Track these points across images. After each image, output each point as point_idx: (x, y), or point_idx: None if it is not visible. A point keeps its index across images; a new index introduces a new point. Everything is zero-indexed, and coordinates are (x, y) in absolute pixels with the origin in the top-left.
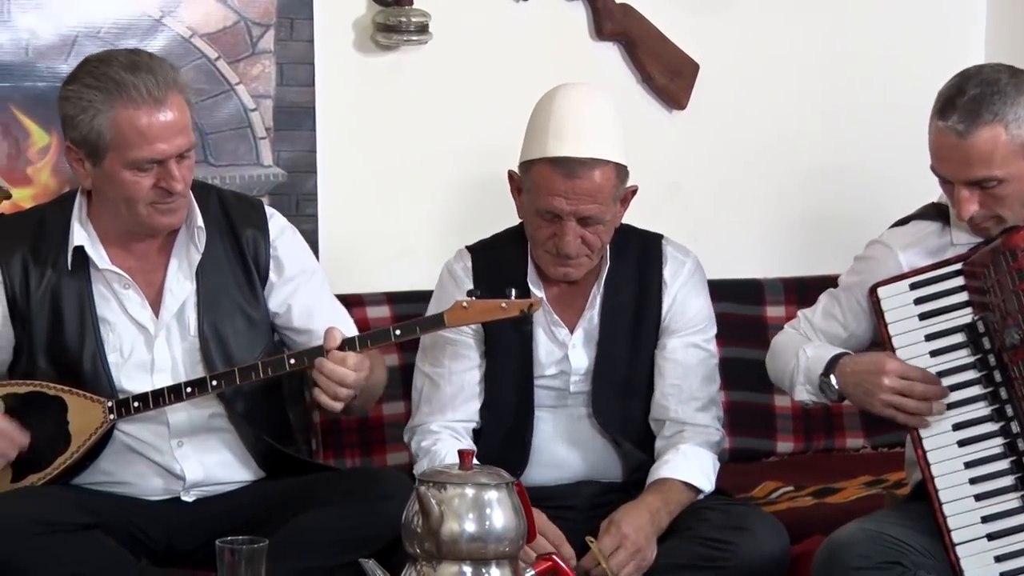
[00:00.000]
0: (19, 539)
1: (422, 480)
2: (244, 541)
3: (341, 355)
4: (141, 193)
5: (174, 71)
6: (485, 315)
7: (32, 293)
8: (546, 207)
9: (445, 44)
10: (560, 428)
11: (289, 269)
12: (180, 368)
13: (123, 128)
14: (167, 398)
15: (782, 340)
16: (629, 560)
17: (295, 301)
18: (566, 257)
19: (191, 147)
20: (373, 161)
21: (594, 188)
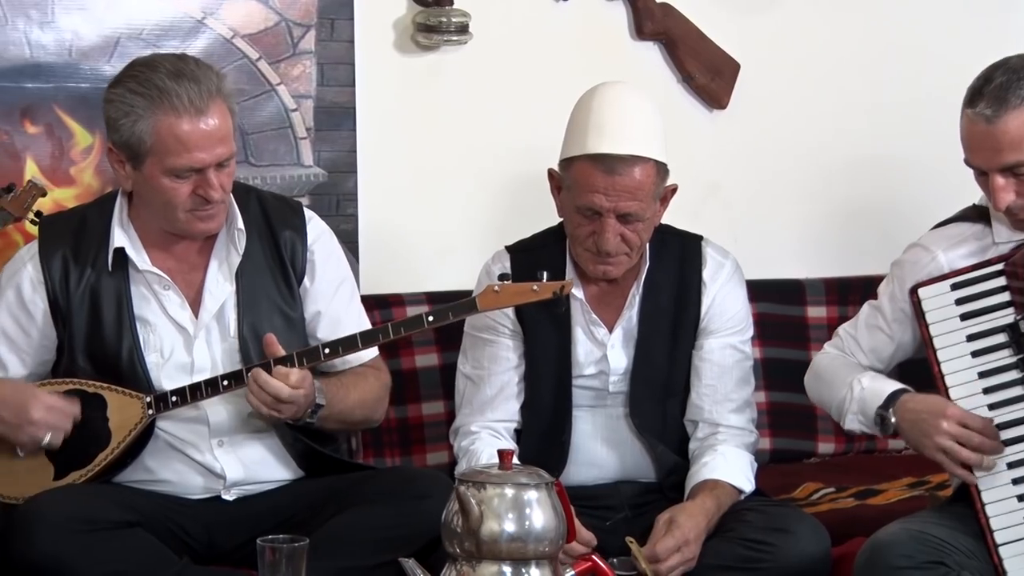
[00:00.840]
0: (63, 536)
1: (462, 480)
2: (285, 540)
3: (284, 371)
4: (179, 199)
5: (219, 79)
6: (517, 298)
7: (72, 292)
8: (586, 204)
9: (485, 44)
10: (599, 428)
11: (323, 276)
12: (220, 368)
13: (163, 135)
14: (204, 391)
15: (827, 365)
16: (681, 564)
17: (324, 310)
18: (606, 255)
19: (232, 155)
20: (413, 161)
21: (634, 185)
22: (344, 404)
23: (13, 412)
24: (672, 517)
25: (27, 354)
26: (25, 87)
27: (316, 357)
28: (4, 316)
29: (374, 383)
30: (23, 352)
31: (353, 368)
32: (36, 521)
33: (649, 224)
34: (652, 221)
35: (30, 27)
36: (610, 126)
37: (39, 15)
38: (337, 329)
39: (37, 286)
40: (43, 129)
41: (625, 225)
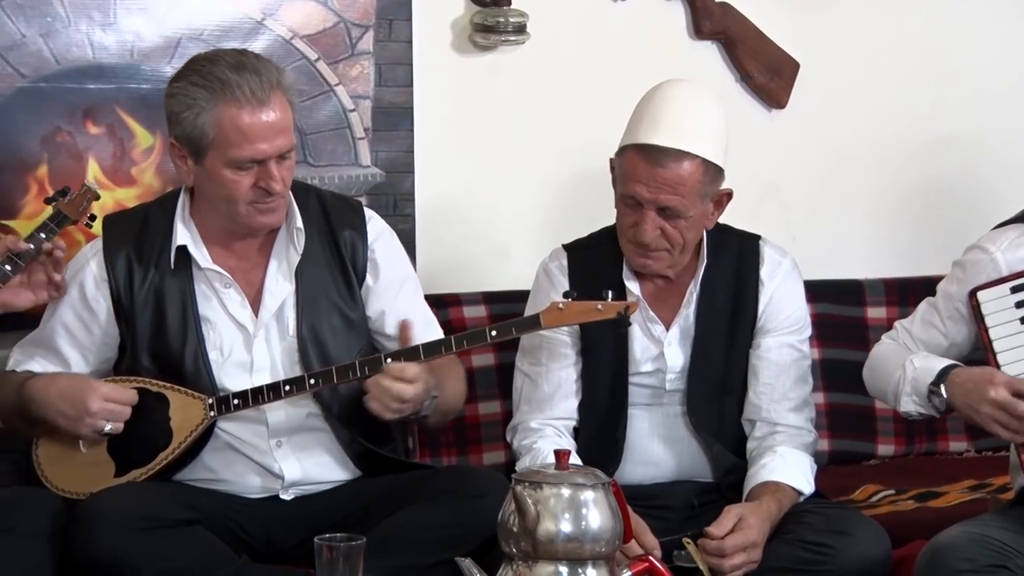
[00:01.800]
0: (124, 533)
1: (518, 479)
2: (342, 538)
3: (400, 367)
4: (240, 192)
5: (279, 72)
6: (581, 317)
7: (136, 291)
8: (629, 193)
9: (542, 44)
10: (655, 426)
11: (385, 274)
12: (279, 368)
13: (225, 127)
14: (266, 396)
15: (882, 352)
16: (745, 564)
17: (389, 308)
18: (644, 247)
19: (292, 148)
20: (470, 161)
21: (676, 179)
22: (447, 394)
23: (71, 404)
24: (743, 515)
25: (90, 351)
26: (87, 88)
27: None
28: (67, 313)
29: (458, 371)
30: (86, 349)
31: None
32: (97, 518)
33: (694, 223)
34: (698, 221)
35: (92, 29)
36: (664, 120)
37: (101, 17)
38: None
39: (100, 284)
40: (105, 130)
41: (666, 220)
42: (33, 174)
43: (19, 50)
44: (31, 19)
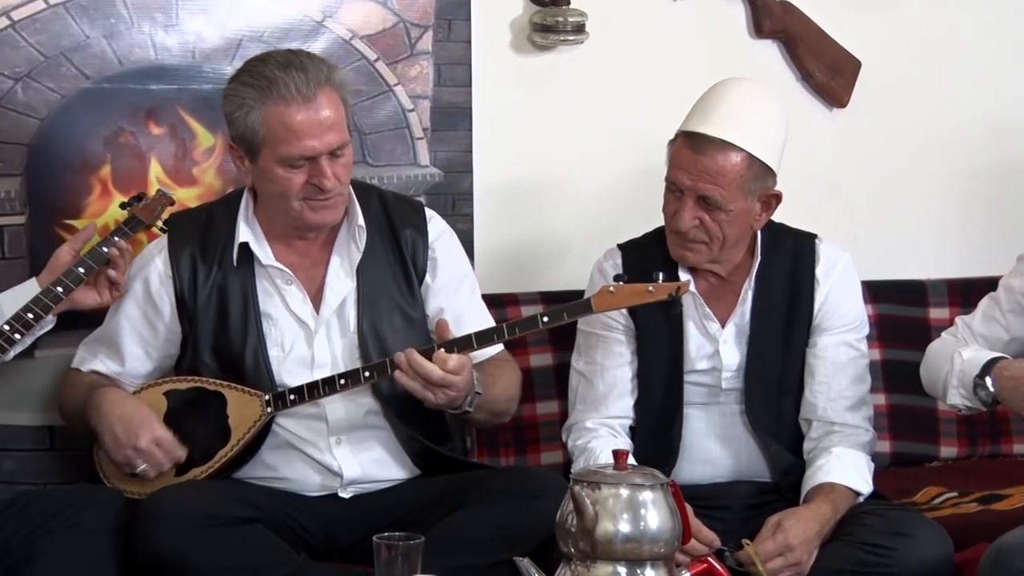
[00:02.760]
0: (185, 531)
1: (576, 480)
2: (401, 537)
3: (441, 358)
4: (293, 189)
5: (330, 69)
6: (632, 299)
7: (199, 289)
8: (671, 178)
9: (602, 44)
10: (712, 425)
11: (444, 273)
12: (340, 364)
13: (273, 125)
14: (322, 390)
15: (937, 347)
16: (785, 568)
17: (448, 307)
18: (682, 235)
19: (344, 144)
20: (528, 160)
21: (717, 169)
22: (493, 393)
23: (125, 432)
24: (780, 520)
25: (153, 347)
26: (150, 89)
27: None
28: (132, 309)
29: (513, 374)
30: (149, 345)
31: (491, 359)
32: (159, 515)
33: (735, 219)
34: (740, 217)
35: (155, 30)
36: (717, 111)
37: (164, 18)
38: (460, 325)
39: (165, 281)
40: (167, 130)
41: (706, 210)
42: (96, 174)
43: (83, 51)
44: (95, 20)
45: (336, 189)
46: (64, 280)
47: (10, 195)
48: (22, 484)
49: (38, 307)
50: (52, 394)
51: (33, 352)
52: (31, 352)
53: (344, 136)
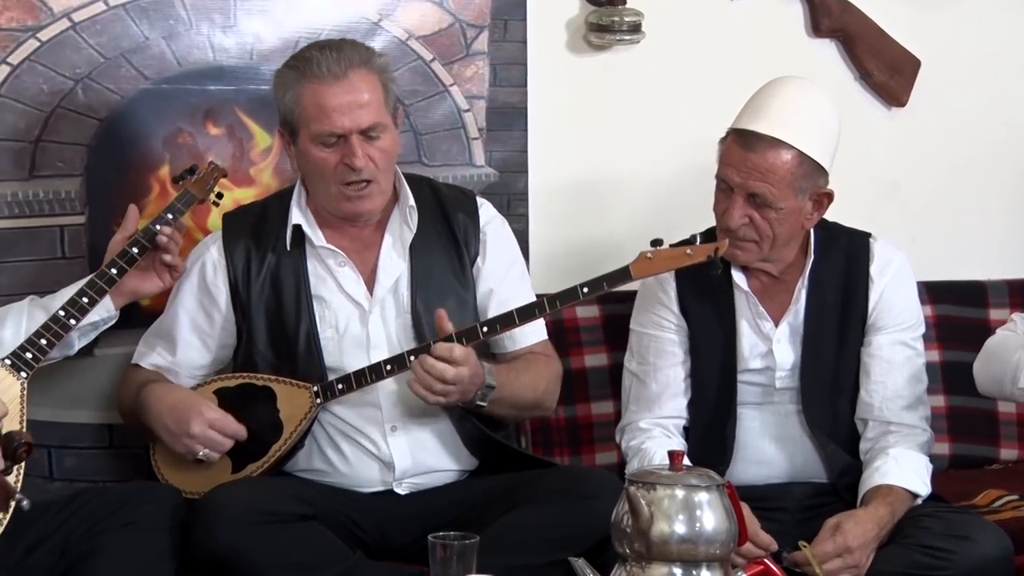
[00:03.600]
0: (242, 527)
1: (632, 480)
2: (456, 536)
3: (447, 346)
4: (328, 169)
5: (369, 52)
6: (671, 263)
7: (253, 280)
8: (721, 176)
9: (658, 43)
10: (767, 425)
11: (495, 256)
12: (396, 344)
13: (307, 103)
14: (368, 377)
15: (998, 340)
16: (843, 570)
17: (496, 289)
18: (732, 233)
19: (378, 126)
20: (583, 160)
21: (767, 166)
22: (514, 386)
23: (176, 422)
24: (838, 523)
25: (210, 337)
26: (208, 89)
27: (475, 335)
28: (188, 299)
29: (544, 368)
30: (206, 335)
31: (525, 355)
32: (216, 512)
33: (785, 217)
34: (790, 216)
35: (213, 31)
36: (768, 109)
37: (222, 19)
38: (508, 308)
39: (219, 270)
40: (224, 130)
41: (756, 208)
42: (155, 174)
43: (142, 52)
44: (154, 22)
45: (368, 172)
46: (117, 261)
47: (70, 195)
48: (81, 482)
49: (92, 290)
50: (111, 392)
51: (93, 350)
52: (91, 350)
53: (379, 118)
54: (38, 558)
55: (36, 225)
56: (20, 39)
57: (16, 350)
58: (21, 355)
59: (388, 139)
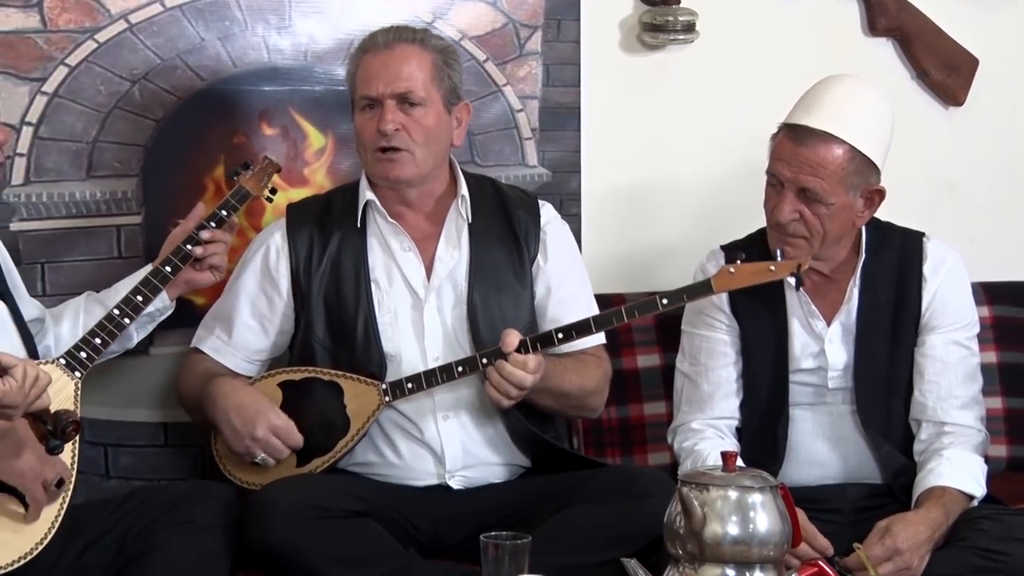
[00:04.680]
0: (296, 523)
1: (684, 481)
2: (508, 536)
3: (522, 358)
4: (366, 136)
5: (425, 33)
6: (753, 278)
7: (314, 269)
8: (771, 171)
9: (712, 43)
10: (821, 426)
11: (555, 256)
12: (451, 335)
13: (357, 73)
14: (439, 378)
15: None
16: (894, 573)
17: (556, 289)
18: (781, 227)
19: (413, 95)
20: (637, 161)
21: (818, 161)
22: (560, 380)
23: (242, 422)
24: (888, 525)
25: (269, 322)
26: (263, 90)
27: (549, 342)
28: (250, 282)
29: (594, 370)
30: (265, 319)
31: (577, 354)
32: (271, 507)
33: (836, 213)
34: (841, 212)
35: (268, 32)
36: (821, 105)
37: (277, 20)
38: (567, 309)
39: (282, 256)
40: (279, 131)
41: (806, 203)
42: (210, 175)
43: (198, 54)
44: (210, 23)
45: (400, 140)
46: (172, 259)
47: (127, 195)
48: (137, 480)
49: (147, 288)
50: (167, 391)
51: (148, 349)
52: (146, 349)
53: (418, 91)
54: (94, 556)
55: (93, 225)
56: (78, 40)
57: (71, 349)
58: (75, 355)
59: (429, 115)
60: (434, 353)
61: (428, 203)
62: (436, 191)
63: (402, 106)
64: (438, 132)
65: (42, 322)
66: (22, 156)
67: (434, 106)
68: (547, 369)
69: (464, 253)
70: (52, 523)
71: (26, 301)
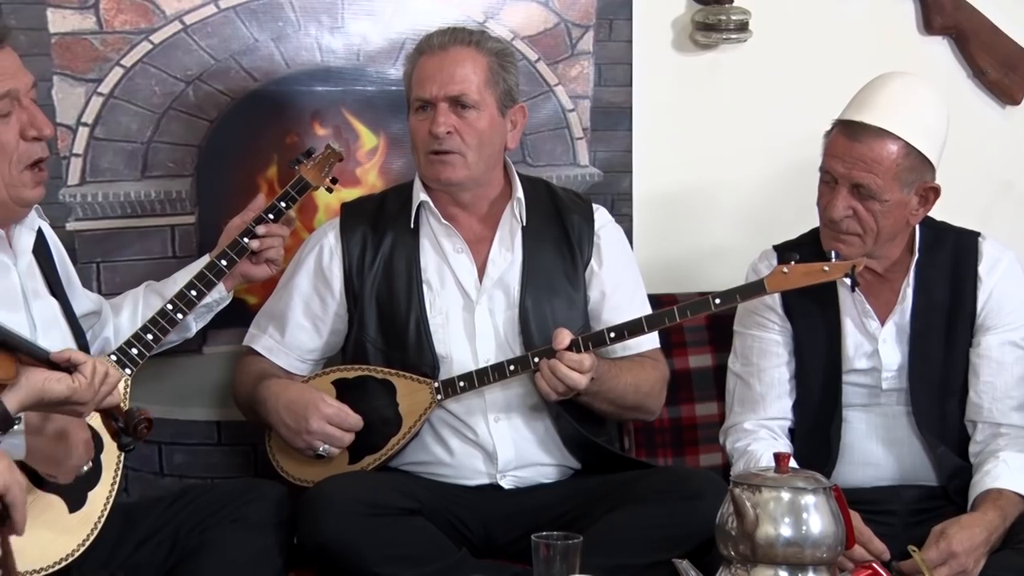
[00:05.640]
0: (349, 519)
1: (736, 482)
2: (559, 536)
3: (577, 358)
4: (419, 138)
5: (481, 35)
6: (807, 278)
7: (367, 269)
8: (825, 167)
9: (765, 42)
10: (874, 427)
11: (609, 262)
12: (503, 338)
13: (413, 72)
14: (491, 376)
15: None
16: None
17: (610, 294)
18: (834, 224)
19: (467, 98)
20: (688, 160)
21: (872, 157)
22: (615, 383)
23: (294, 418)
24: (944, 529)
25: (322, 321)
26: (316, 90)
27: (602, 342)
28: (304, 282)
29: (651, 372)
30: (318, 319)
31: (633, 356)
32: (324, 503)
33: (890, 210)
34: (895, 209)
35: (321, 32)
36: (875, 101)
37: (329, 21)
38: (622, 314)
39: (335, 256)
40: (331, 131)
41: (860, 200)
42: (263, 174)
43: (252, 54)
44: (264, 24)
45: (451, 143)
46: (228, 252)
47: (181, 195)
48: (191, 478)
49: (201, 283)
50: (220, 390)
51: (201, 348)
52: (199, 348)
53: (472, 94)
54: (147, 553)
55: (148, 225)
56: (133, 41)
57: (122, 345)
58: (127, 350)
59: (482, 118)
60: (485, 355)
61: (482, 205)
62: (490, 194)
63: (455, 108)
64: (491, 135)
65: (99, 314)
66: (78, 156)
67: (487, 109)
68: (602, 372)
69: (517, 256)
70: (95, 523)
71: (80, 295)
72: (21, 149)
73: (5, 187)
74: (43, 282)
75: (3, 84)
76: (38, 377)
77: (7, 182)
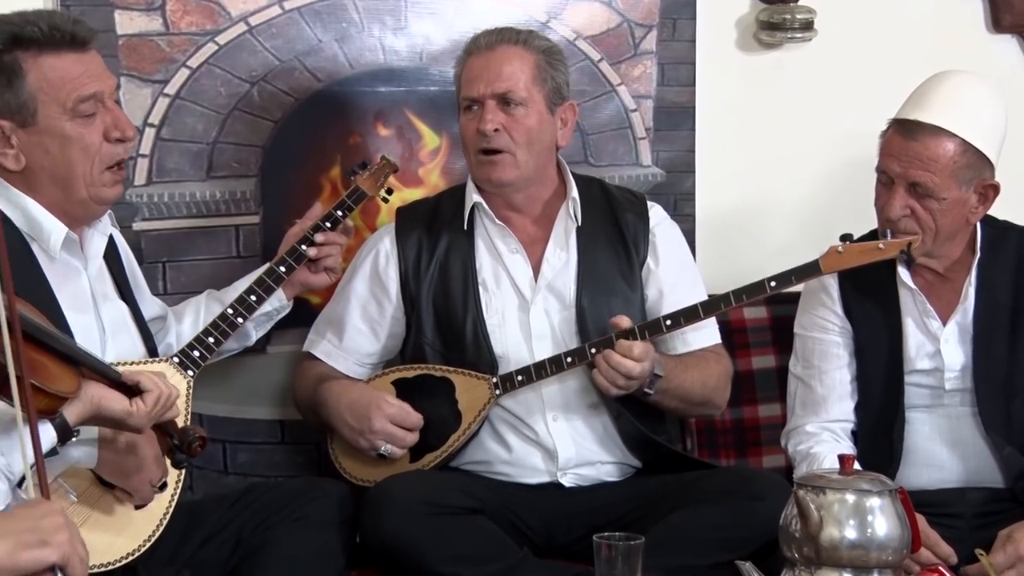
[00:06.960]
0: (411, 518)
1: (800, 484)
2: (621, 537)
3: (627, 344)
4: (468, 137)
5: (529, 35)
6: (862, 257)
7: (423, 272)
8: (881, 167)
9: (830, 40)
10: (938, 428)
11: (666, 259)
12: (557, 335)
13: (461, 73)
14: (549, 369)
15: None
16: None
17: (668, 292)
18: (891, 223)
19: (514, 95)
20: (752, 161)
21: (928, 155)
22: (682, 378)
23: (356, 419)
24: (1011, 532)
25: (379, 325)
26: (379, 91)
27: (658, 329)
28: (360, 286)
29: (715, 366)
30: (375, 323)
31: (697, 352)
32: (387, 501)
33: (948, 208)
34: (953, 207)
35: (384, 33)
36: (931, 99)
37: (393, 21)
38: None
39: (391, 260)
40: (394, 131)
41: (917, 199)
42: (327, 175)
43: (316, 55)
44: (328, 25)
45: (500, 141)
46: (287, 259)
47: (245, 195)
48: (255, 476)
49: (260, 288)
50: (283, 389)
51: (265, 348)
52: (263, 348)
53: (519, 91)
54: (211, 550)
55: (213, 225)
56: (199, 43)
57: (184, 348)
58: (189, 353)
59: (531, 116)
60: (543, 355)
61: (536, 206)
62: (543, 194)
63: (503, 106)
64: (540, 132)
65: (163, 320)
66: (144, 157)
67: (536, 106)
68: (669, 369)
69: (572, 256)
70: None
71: (148, 300)
72: (104, 150)
73: (86, 187)
74: (112, 286)
75: (89, 86)
76: (96, 393)
77: (88, 182)
